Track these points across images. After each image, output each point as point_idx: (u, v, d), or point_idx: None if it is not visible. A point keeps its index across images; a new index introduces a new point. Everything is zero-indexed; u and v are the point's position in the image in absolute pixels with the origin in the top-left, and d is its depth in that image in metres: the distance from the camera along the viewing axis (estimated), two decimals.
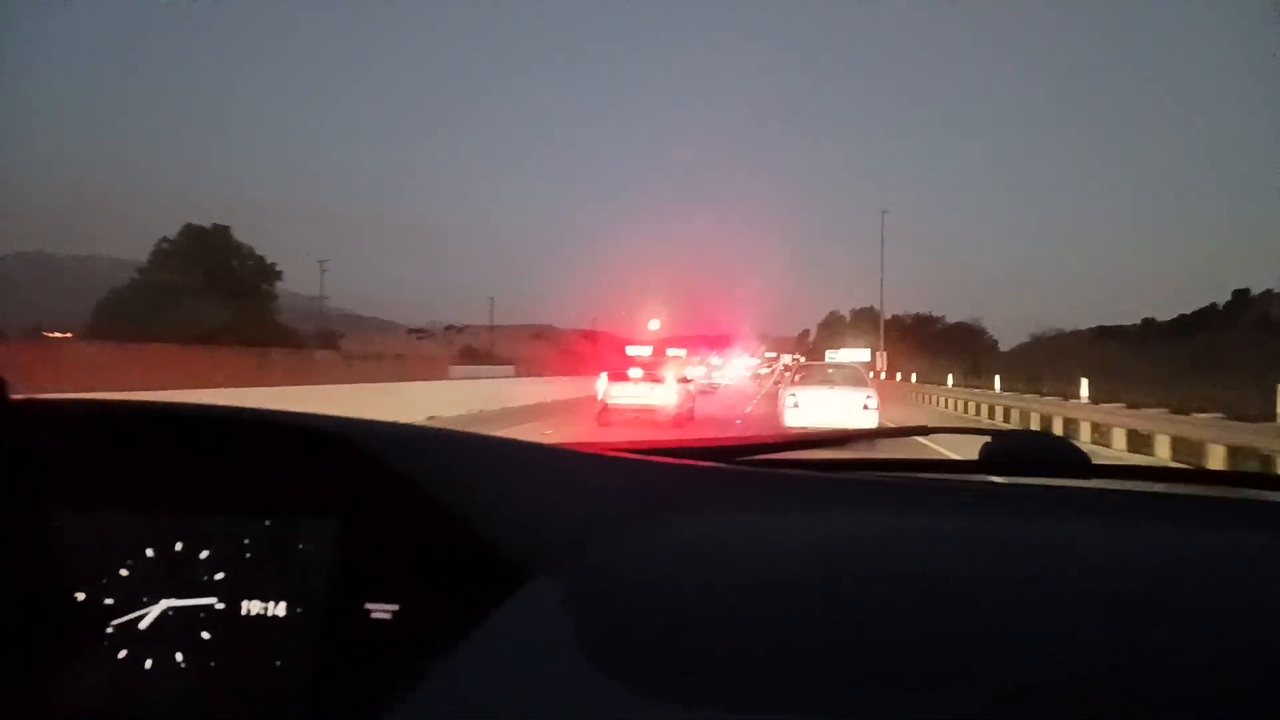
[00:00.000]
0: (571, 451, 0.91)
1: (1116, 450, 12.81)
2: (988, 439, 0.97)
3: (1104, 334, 53.49)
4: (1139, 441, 12.81)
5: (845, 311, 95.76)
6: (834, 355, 40.15)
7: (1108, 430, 13.68)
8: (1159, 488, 0.97)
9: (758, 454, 1.01)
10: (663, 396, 14.54)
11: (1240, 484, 1.03)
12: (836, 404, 11.77)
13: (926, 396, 28.45)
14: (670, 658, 0.56)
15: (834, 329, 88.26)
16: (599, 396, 15.03)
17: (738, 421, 15.77)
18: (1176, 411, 12.48)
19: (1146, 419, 12.74)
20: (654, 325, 67.20)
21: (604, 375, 15.34)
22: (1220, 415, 11.44)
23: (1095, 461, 0.96)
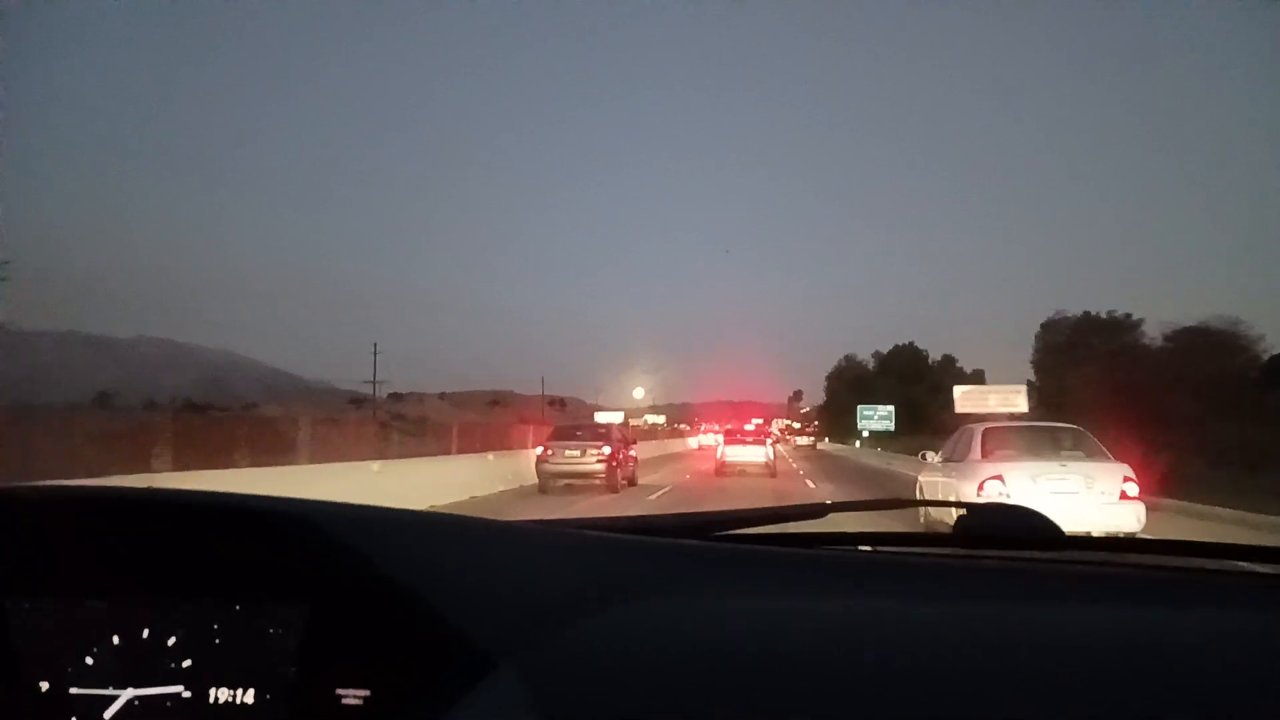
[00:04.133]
0: (544, 530, 0.93)
1: None
2: (963, 512, 1.02)
3: None
4: None
5: (866, 356, 77.76)
6: (964, 398, 29.04)
7: None
8: (1135, 560, 1.02)
9: (734, 528, 1.03)
10: (762, 454, 22.04)
11: (1217, 555, 1.03)
12: (1075, 493, 7.56)
13: None
14: None
15: (852, 381, 72.00)
16: (717, 454, 22.91)
17: (811, 485, 19.23)
18: None
19: None
20: (639, 394, 63.05)
21: (721, 438, 24.18)
22: None
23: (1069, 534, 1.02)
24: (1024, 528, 1.00)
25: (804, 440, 65.45)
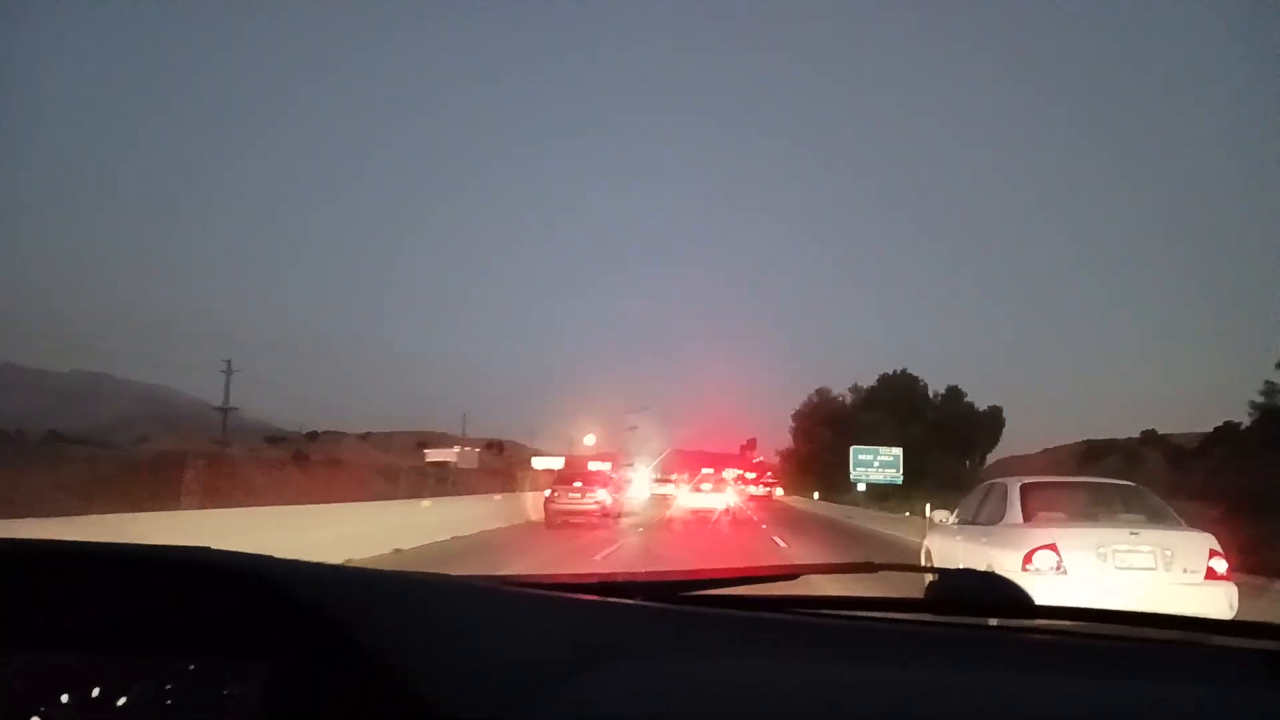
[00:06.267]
0: (514, 592, 0.97)
1: None
2: (933, 577, 1.10)
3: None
4: None
5: (842, 390, 64.23)
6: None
7: None
8: (1103, 630, 1.07)
9: (701, 589, 1.08)
10: (722, 500, 26.84)
11: (1183, 628, 1.07)
12: (1149, 569, 6.24)
13: None
14: None
15: (828, 420, 58.56)
16: (677, 500, 27.85)
17: (763, 526, 21.90)
18: None
19: None
20: (589, 440, 60.53)
21: (685, 487, 29.02)
22: None
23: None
24: (994, 594, 1.06)
25: (759, 490, 63.83)
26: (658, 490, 49.11)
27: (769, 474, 75.26)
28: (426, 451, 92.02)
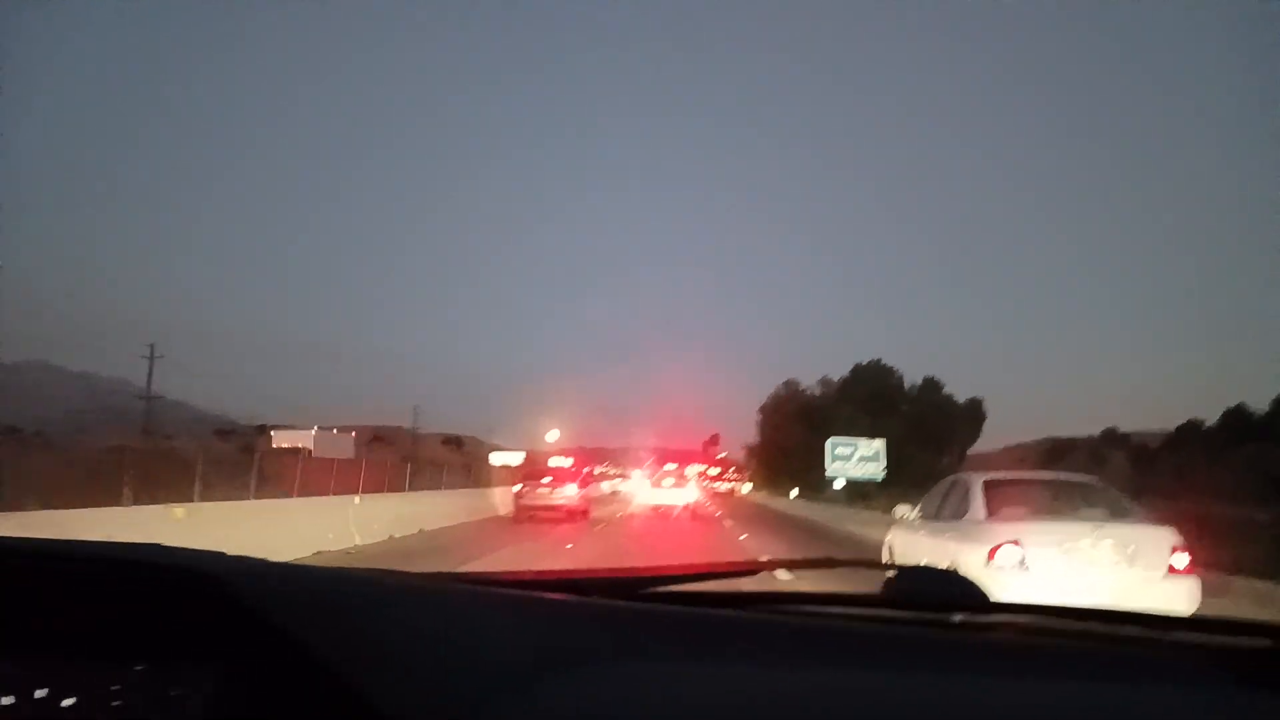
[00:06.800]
0: (473, 591, 0.96)
1: None
2: (892, 574, 1.13)
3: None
4: None
5: (812, 383, 59.04)
6: None
7: None
8: (1063, 626, 1.08)
9: (664, 585, 1.09)
10: (686, 495, 26.11)
11: (1144, 624, 1.08)
12: (1114, 563, 6.17)
13: None
14: None
15: (797, 413, 54.08)
16: (636, 497, 28.36)
17: (742, 538, 18.58)
18: None
19: None
20: (553, 436, 58.87)
21: (647, 480, 29.97)
22: None
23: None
24: (951, 592, 1.08)
25: (723, 486, 64.01)
26: (619, 486, 48.92)
27: (732, 470, 75.36)
28: (274, 433, 78.46)
